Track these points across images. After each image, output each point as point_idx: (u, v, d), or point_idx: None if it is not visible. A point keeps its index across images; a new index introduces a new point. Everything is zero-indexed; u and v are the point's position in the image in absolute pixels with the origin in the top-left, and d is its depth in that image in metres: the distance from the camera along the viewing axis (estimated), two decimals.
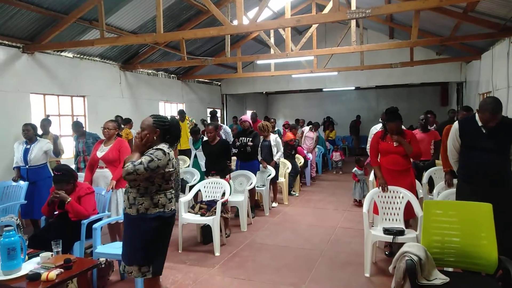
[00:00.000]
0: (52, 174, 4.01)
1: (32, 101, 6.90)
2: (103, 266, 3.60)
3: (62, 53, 7.58)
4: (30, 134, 5.10)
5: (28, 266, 2.62)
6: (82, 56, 8.04)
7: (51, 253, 2.81)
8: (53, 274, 2.45)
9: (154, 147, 2.67)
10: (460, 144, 3.34)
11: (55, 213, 3.81)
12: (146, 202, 2.64)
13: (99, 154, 4.40)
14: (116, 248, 3.64)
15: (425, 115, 5.98)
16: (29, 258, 2.80)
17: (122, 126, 7.47)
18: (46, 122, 6.09)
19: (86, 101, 8.20)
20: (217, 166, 5.21)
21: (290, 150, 7.71)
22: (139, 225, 2.64)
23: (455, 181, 4.58)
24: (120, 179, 4.29)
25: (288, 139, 7.83)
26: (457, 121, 3.45)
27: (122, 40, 6.57)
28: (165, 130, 2.75)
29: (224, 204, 4.80)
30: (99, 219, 3.83)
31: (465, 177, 3.32)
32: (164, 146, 2.69)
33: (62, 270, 2.54)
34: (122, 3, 6.79)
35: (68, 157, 7.17)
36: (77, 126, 6.07)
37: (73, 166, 5.81)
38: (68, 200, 3.64)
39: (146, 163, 2.54)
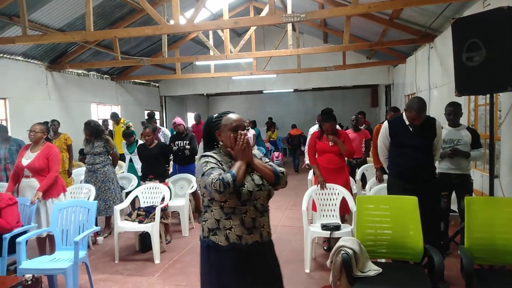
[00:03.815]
0: None
1: None
2: (29, 283, 3.29)
3: None
4: None
5: None
6: (1, 55, 7.34)
7: None
8: None
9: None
10: (390, 142, 3.57)
11: None
12: None
13: (25, 161, 3.98)
14: (44, 262, 3.37)
15: (356, 116, 6.33)
16: None
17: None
18: None
19: (8, 104, 7.50)
20: (155, 170, 5.04)
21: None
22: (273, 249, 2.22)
23: (385, 176, 4.91)
24: (49, 189, 3.97)
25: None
26: (386, 121, 3.68)
27: (48, 38, 6.09)
28: None
29: (163, 210, 4.65)
30: (24, 232, 3.51)
31: (396, 173, 3.55)
32: None
33: None
34: None
35: None
36: (1, 131, 5.53)
37: None
38: None
39: None
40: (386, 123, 3.65)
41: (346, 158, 4.61)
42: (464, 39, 3.37)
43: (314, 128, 5.78)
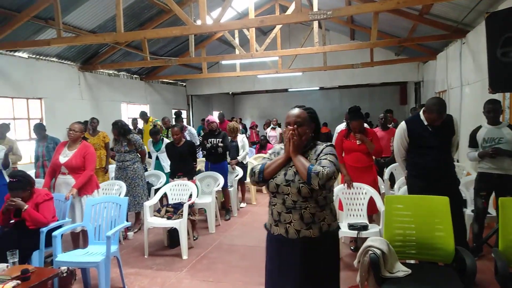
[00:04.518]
0: (7, 182, 3.78)
1: None
2: (64, 275, 3.45)
3: (16, 53, 7.21)
4: None
5: None
6: (38, 57, 7.68)
7: (6, 264, 2.66)
8: (8, 286, 2.32)
9: (323, 144, 2.19)
10: (408, 143, 3.50)
11: (11, 222, 3.60)
12: (328, 216, 2.13)
13: (62, 159, 4.14)
14: (78, 255, 3.52)
15: (385, 114, 6.21)
16: None
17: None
18: (4, 128, 5.71)
19: (43, 103, 7.84)
20: (183, 167, 5.13)
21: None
22: (324, 247, 2.12)
23: None
24: (83, 186, 4.12)
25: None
26: (404, 122, 3.59)
27: (80, 39, 6.33)
28: (317, 123, 2.25)
29: (191, 206, 4.74)
30: (59, 227, 3.67)
31: (416, 173, 3.48)
32: (330, 143, 2.22)
33: (19, 281, 2.41)
34: (80, 2, 6.55)
35: (25, 162, 6.82)
36: (39, 129, 5.79)
37: (32, 171, 5.53)
38: (25, 207, 3.46)
39: (336, 163, 2.06)
40: (403, 124, 3.55)
41: (374, 157, 4.54)
42: (499, 34, 3.25)
43: (342, 126, 5.72)
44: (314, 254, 2.10)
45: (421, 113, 3.43)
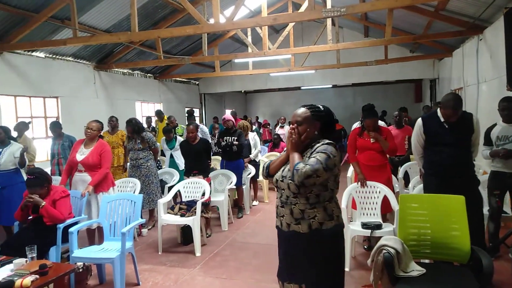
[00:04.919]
0: (25, 179, 3.86)
1: (2, 103, 6.66)
2: (80, 270, 3.53)
3: (33, 53, 7.36)
4: (1, 137, 4.88)
5: (1, 274, 2.53)
6: (54, 56, 7.82)
7: (25, 259, 2.72)
8: (27, 280, 2.38)
9: (321, 142, 2.14)
10: (424, 139, 3.46)
11: (29, 218, 3.69)
12: (319, 215, 2.12)
13: (79, 157, 4.21)
14: (93, 251, 3.58)
15: (399, 112, 6.14)
16: (2, 265, 2.70)
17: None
18: (22, 126, 5.85)
19: (60, 102, 7.99)
20: (199, 165, 5.16)
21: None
22: (317, 245, 2.13)
23: None
24: (99, 183, 4.19)
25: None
26: (420, 118, 3.57)
27: (96, 39, 6.42)
28: (325, 121, 2.25)
29: (207, 204, 4.77)
30: (75, 223, 3.74)
31: (432, 171, 3.45)
32: (329, 141, 2.17)
33: (37, 276, 2.47)
34: (95, 2, 6.64)
35: (42, 159, 6.97)
36: (55, 127, 5.89)
37: (48, 169, 5.64)
38: (43, 204, 3.53)
39: (324, 161, 2.00)
40: (420, 120, 3.53)
41: (388, 156, 4.49)
42: None
43: (358, 125, 5.68)
44: (306, 249, 2.17)
45: (438, 109, 3.39)
